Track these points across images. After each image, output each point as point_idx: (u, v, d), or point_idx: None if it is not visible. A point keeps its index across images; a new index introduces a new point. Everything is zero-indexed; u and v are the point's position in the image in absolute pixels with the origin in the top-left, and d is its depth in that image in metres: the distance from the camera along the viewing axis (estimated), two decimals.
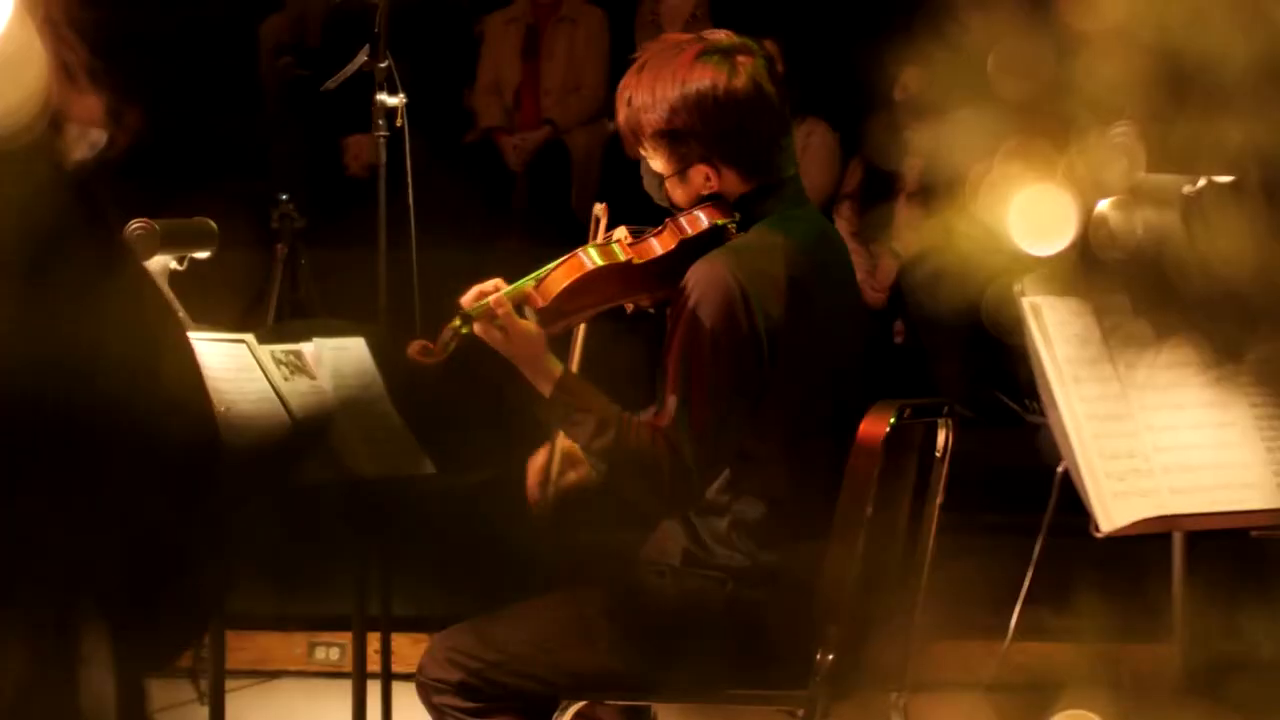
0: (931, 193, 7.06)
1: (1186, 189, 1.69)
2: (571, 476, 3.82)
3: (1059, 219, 1.41)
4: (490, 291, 3.61)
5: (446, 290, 3.82)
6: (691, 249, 3.64)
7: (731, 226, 3.65)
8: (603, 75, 8.29)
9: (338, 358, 4.33)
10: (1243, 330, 1.46)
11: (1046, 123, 1.34)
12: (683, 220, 3.66)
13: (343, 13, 8.15)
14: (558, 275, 3.61)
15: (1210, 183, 1.66)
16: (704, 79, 3.63)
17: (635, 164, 3.83)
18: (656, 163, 3.72)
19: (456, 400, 4.52)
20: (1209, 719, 1.53)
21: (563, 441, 3.79)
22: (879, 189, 7.39)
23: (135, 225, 4.05)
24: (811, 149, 7.41)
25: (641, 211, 3.82)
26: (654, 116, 3.65)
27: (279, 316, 6.26)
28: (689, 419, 3.53)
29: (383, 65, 4.88)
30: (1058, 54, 1.34)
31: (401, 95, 4.88)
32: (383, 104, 4.87)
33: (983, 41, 1.33)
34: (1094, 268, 1.43)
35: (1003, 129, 1.35)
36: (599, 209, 3.75)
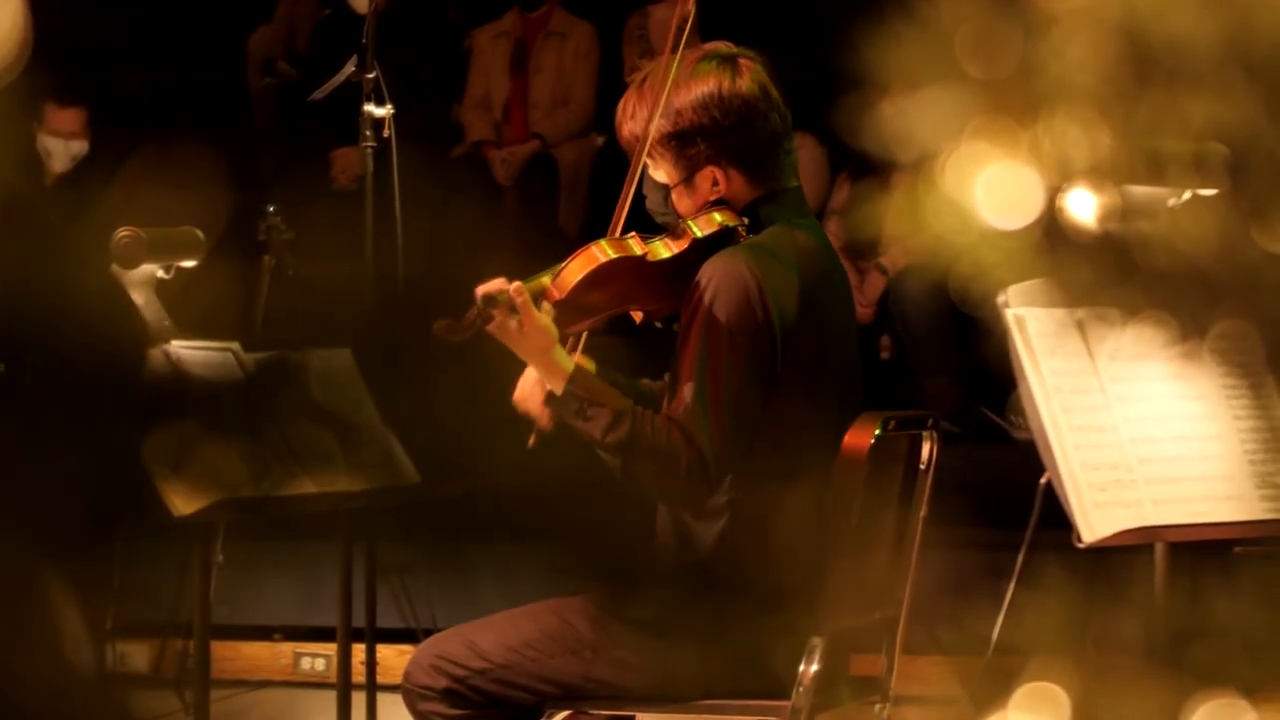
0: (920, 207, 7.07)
1: (1171, 202, 1.70)
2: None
3: (1025, 195, 1.42)
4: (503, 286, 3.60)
5: (435, 302, 3.82)
6: (703, 250, 3.64)
7: (742, 229, 3.67)
8: (591, 90, 8.30)
9: (324, 368, 4.34)
10: (1208, 309, 1.47)
11: (1014, 101, 1.35)
12: (695, 221, 3.68)
13: (331, 25, 8.18)
14: (573, 268, 3.61)
15: (1194, 195, 1.67)
16: (708, 80, 3.66)
17: (623, 178, 3.83)
18: (661, 173, 3.74)
19: (439, 409, 4.53)
20: (1173, 688, 1.53)
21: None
22: (867, 203, 7.40)
23: (122, 233, 4.06)
24: (799, 163, 7.40)
25: (629, 223, 3.83)
26: (660, 123, 3.66)
27: (266, 327, 6.26)
28: (705, 408, 3.53)
29: (370, 76, 4.88)
30: (1025, 33, 1.35)
31: (389, 106, 4.88)
32: (370, 115, 4.87)
33: (951, 20, 1.34)
34: (1060, 245, 1.44)
35: (970, 107, 1.37)
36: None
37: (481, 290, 3.57)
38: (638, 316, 3.77)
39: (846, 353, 3.76)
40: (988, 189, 1.41)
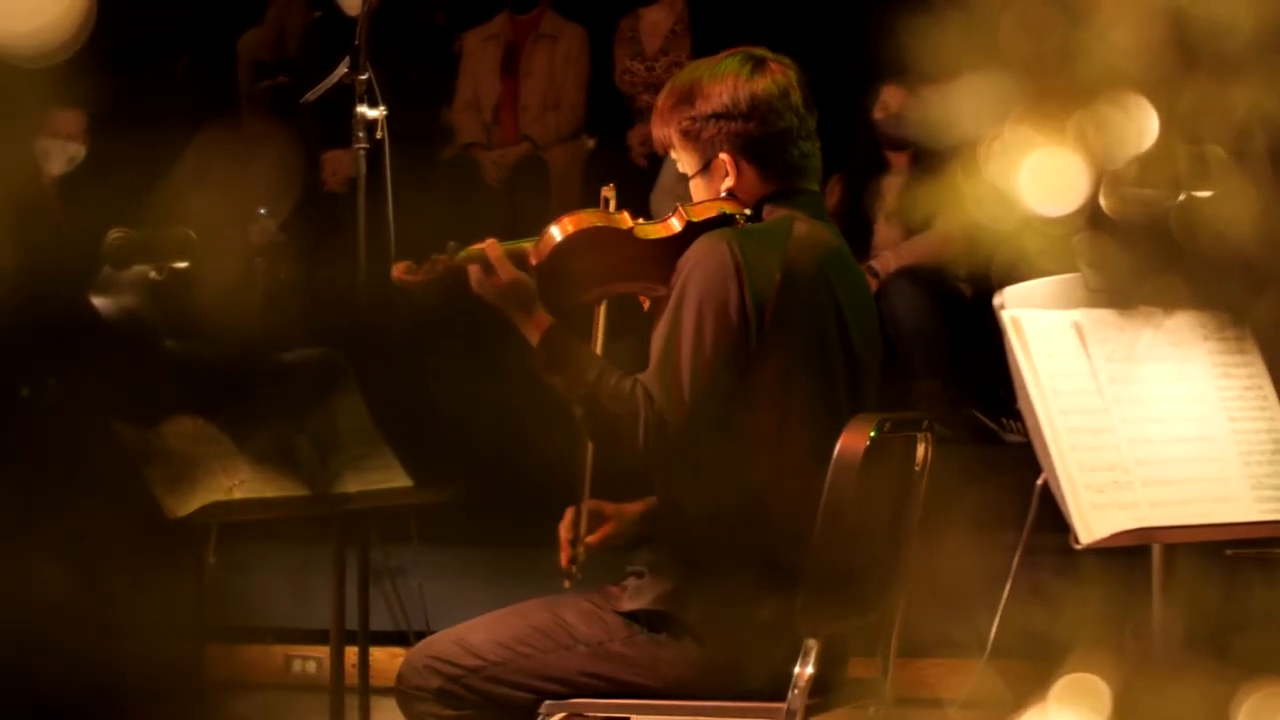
0: (909, 211, 7.08)
1: (1169, 203, 1.70)
2: (597, 537, 3.85)
3: (1070, 181, 1.43)
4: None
5: (427, 304, 3.82)
6: (699, 235, 3.66)
7: (740, 218, 3.69)
8: (582, 92, 8.30)
9: (317, 370, 4.34)
10: (1252, 297, 1.47)
11: (1057, 87, 1.35)
12: (694, 206, 3.72)
13: (322, 27, 8.17)
14: (553, 232, 3.66)
15: (1190, 197, 1.68)
16: (728, 74, 3.74)
17: (615, 181, 3.85)
18: (683, 163, 3.79)
19: (432, 411, 4.53)
20: (1213, 679, 1.53)
21: (588, 503, 3.82)
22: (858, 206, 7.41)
23: (114, 234, 4.05)
24: None
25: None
26: (681, 114, 3.75)
27: (258, 329, 6.25)
28: (669, 371, 3.56)
29: (363, 78, 4.87)
30: (1068, 18, 1.35)
31: (382, 108, 4.87)
32: (363, 116, 4.86)
33: (994, 6, 1.34)
34: (1104, 228, 1.44)
35: (1013, 93, 1.37)
36: (607, 190, 3.78)
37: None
38: (645, 302, 3.78)
39: (842, 346, 3.74)
40: (1032, 175, 1.41)
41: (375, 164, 4.95)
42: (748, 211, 3.71)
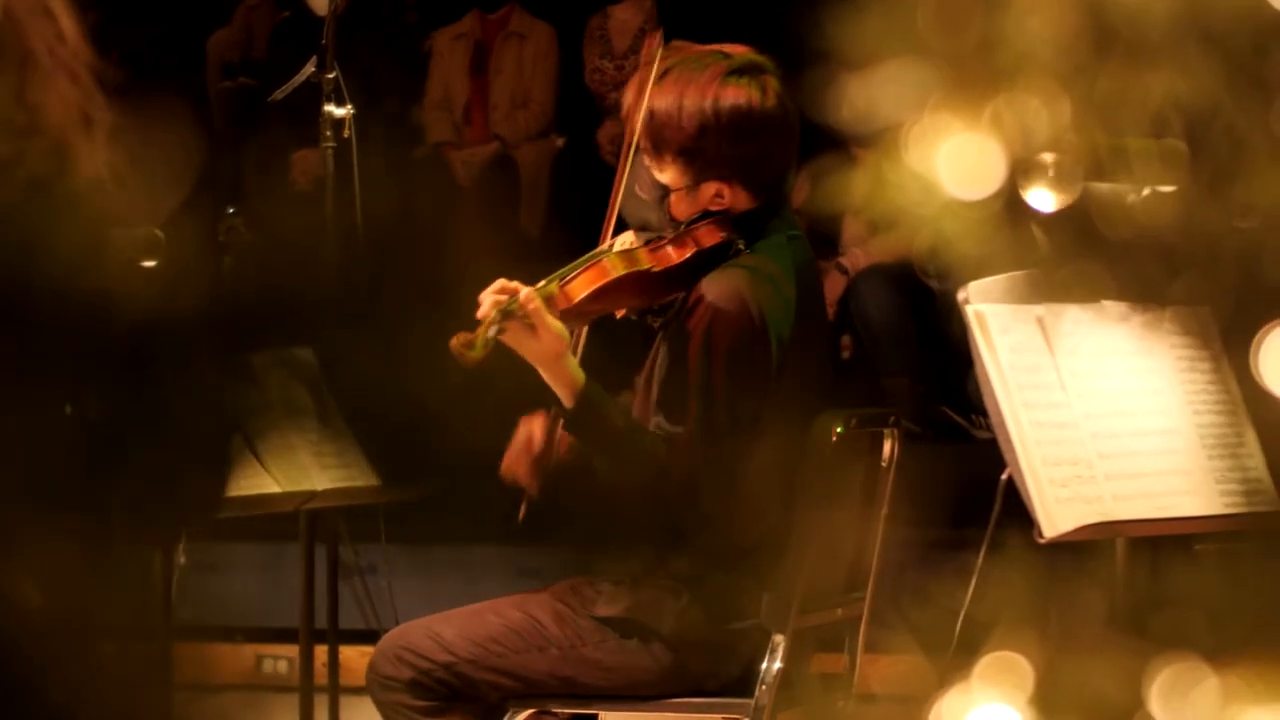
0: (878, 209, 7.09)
1: (1131, 198, 1.72)
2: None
3: (986, 166, 1.44)
4: (510, 290, 3.56)
5: (397, 303, 3.83)
6: (701, 261, 3.64)
7: (740, 243, 3.66)
8: (551, 91, 8.29)
9: (287, 367, 4.34)
10: (1168, 280, 1.49)
11: (975, 75, 1.36)
12: (697, 233, 3.66)
13: (290, 27, 8.16)
14: (583, 280, 3.61)
15: (1154, 192, 1.69)
16: (738, 97, 3.62)
17: (584, 180, 3.84)
18: (666, 175, 3.69)
19: (402, 414, 4.52)
20: (1135, 656, 1.55)
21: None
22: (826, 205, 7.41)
23: None
24: None
25: (590, 224, 3.82)
26: (680, 133, 3.63)
27: (227, 327, 6.24)
28: (703, 437, 3.55)
29: (330, 76, 4.87)
30: (987, 6, 1.37)
31: (349, 106, 4.87)
32: (330, 115, 4.86)
33: None
34: (1020, 215, 1.46)
35: (932, 82, 1.38)
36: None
37: (491, 300, 3.54)
38: (619, 313, 3.77)
39: (825, 353, 3.78)
40: (950, 160, 1.42)
41: (344, 162, 4.95)
42: (742, 240, 3.67)
